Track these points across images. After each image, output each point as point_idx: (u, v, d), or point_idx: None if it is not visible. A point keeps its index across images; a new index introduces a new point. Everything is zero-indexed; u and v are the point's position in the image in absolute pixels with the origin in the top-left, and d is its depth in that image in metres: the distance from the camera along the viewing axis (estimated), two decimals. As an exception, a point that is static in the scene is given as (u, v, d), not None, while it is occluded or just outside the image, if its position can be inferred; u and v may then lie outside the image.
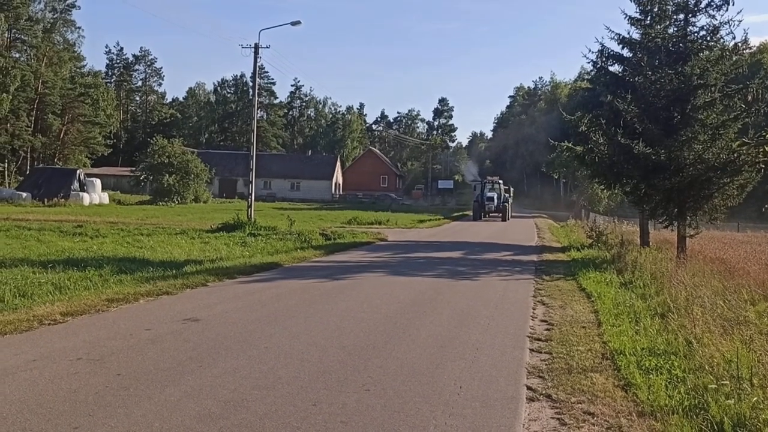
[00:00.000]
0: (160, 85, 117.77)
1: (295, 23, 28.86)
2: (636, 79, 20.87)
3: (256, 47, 27.89)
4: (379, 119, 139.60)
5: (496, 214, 48.89)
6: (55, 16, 76.50)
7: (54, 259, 14.16)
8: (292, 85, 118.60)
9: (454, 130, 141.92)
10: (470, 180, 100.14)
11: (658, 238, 24.40)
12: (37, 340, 7.26)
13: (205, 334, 7.76)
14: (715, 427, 4.88)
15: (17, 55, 70.79)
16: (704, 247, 18.69)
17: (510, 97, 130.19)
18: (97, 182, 51.51)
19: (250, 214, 27.68)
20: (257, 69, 29.27)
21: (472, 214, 50.17)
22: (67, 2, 76.55)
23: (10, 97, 63.67)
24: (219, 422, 4.89)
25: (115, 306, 9.36)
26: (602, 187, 29.21)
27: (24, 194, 44.18)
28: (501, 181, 51.54)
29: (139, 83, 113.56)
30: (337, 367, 6.50)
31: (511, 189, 55.42)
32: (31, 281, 10.86)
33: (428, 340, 7.89)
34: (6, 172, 66.70)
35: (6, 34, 66.99)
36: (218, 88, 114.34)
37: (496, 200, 48.79)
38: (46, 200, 42.66)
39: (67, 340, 7.25)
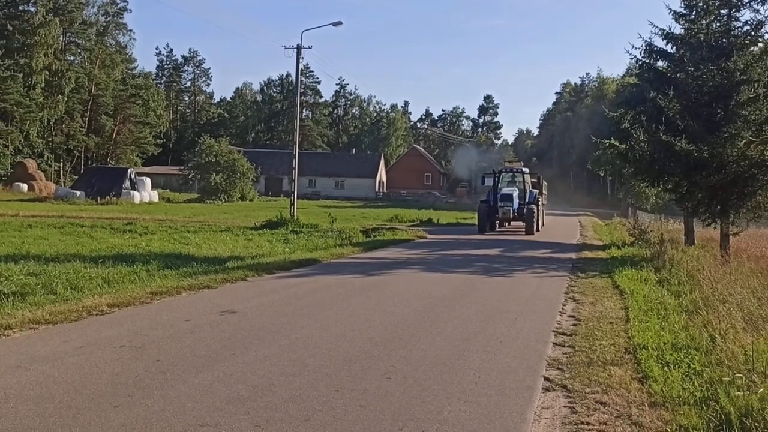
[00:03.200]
0: (208, 85, 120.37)
1: (336, 24, 29.32)
2: (678, 75, 20.63)
3: (299, 48, 28.44)
4: (423, 117, 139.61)
5: (518, 222, 29.97)
6: (108, 19, 78.92)
7: (104, 254, 14.83)
8: (336, 84, 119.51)
9: (500, 127, 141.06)
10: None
11: (705, 237, 24.01)
12: (85, 328, 7.76)
13: (240, 325, 8.16)
14: (722, 418, 5.00)
15: (72, 58, 73.38)
16: (750, 246, 18.38)
17: (556, 93, 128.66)
18: (147, 181, 53.02)
19: (293, 212, 28.26)
20: (300, 69, 29.82)
21: (477, 222, 30.15)
22: (119, 6, 79.00)
23: (65, 98, 66.05)
24: (247, 404, 5.23)
25: (159, 298, 9.84)
26: (645, 184, 28.88)
27: (78, 193, 45.78)
28: (526, 170, 33.18)
29: (188, 84, 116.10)
30: (362, 357, 6.81)
31: (544, 183, 37.35)
32: (82, 275, 11.46)
33: (454, 333, 8.12)
34: (61, 171, 69.15)
35: (61, 38, 69.39)
36: (264, 87, 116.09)
37: (516, 200, 29.55)
38: (98, 198, 44.14)
39: (112, 329, 7.72)
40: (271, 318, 8.70)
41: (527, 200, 30.42)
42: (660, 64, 22.11)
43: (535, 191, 31.67)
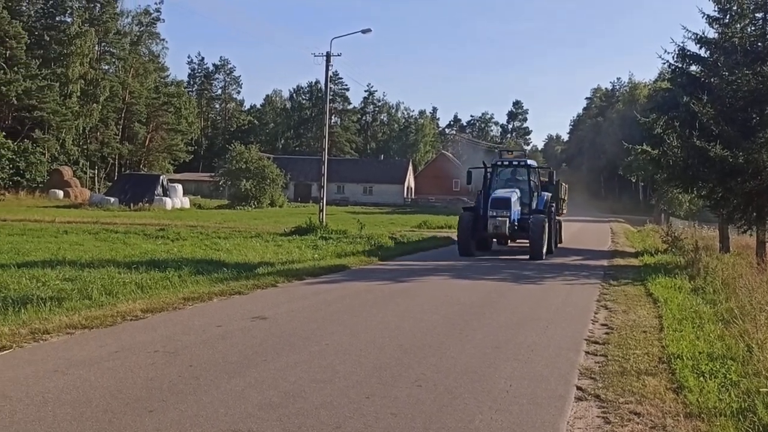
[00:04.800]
0: (238, 93, 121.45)
1: (365, 31, 29.45)
2: (712, 79, 20.35)
3: (328, 56, 28.63)
4: (452, 123, 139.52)
5: (522, 240, 21.52)
6: (141, 29, 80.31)
7: (138, 260, 15.05)
8: (365, 91, 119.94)
9: (529, 132, 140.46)
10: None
11: (740, 244, 23.59)
12: (120, 333, 7.89)
13: (271, 331, 8.22)
14: (760, 429, 4.90)
15: (106, 67, 74.73)
16: (787, 253, 17.99)
17: (587, 98, 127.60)
18: (179, 187, 53.73)
19: (322, 218, 28.39)
20: (329, 76, 30.00)
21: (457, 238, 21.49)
22: (152, 16, 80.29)
23: (100, 107, 67.27)
24: (278, 410, 5.27)
25: (191, 304, 9.96)
26: (678, 190, 28.47)
27: (112, 199, 46.57)
28: (533, 163, 23.36)
29: (219, 91, 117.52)
30: (393, 364, 6.81)
31: (563, 185, 27.60)
32: (116, 281, 11.64)
33: (484, 341, 8.09)
34: (96, 178, 70.39)
35: (96, 48, 70.76)
36: (294, 95, 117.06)
37: (517, 207, 20.48)
38: (132, 205, 44.83)
39: (146, 335, 7.84)
40: (301, 324, 8.75)
41: (535, 207, 20.78)
42: (693, 68, 21.85)
43: (547, 195, 21.71)
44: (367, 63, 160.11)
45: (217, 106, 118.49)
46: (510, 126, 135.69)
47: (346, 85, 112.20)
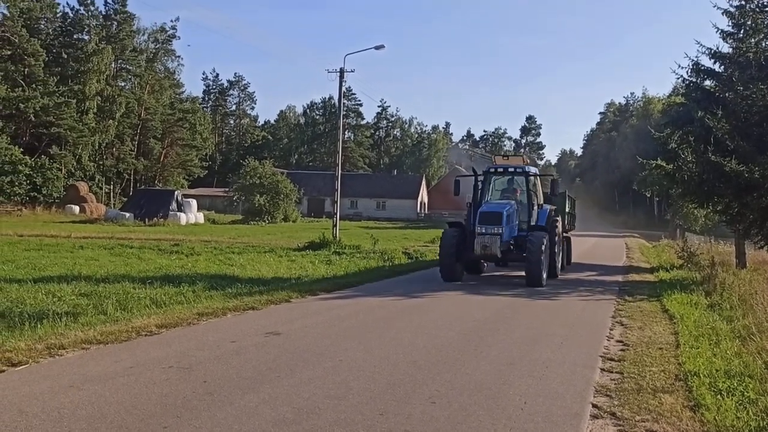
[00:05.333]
0: (252, 108, 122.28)
1: (378, 47, 29.60)
2: (727, 94, 20.25)
3: (342, 72, 28.82)
4: (465, 138, 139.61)
5: (518, 261, 17.53)
6: (157, 46, 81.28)
7: (152, 275, 15.15)
8: (378, 106, 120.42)
9: (543, 147, 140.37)
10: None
11: (757, 259, 23.34)
12: (135, 349, 7.92)
13: (284, 347, 8.22)
14: (780, 449, 4.83)
15: (123, 84, 75.66)
16: (805, 269, 17.79)
17: (600, 113, 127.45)
18: (194, 202, 54.04)
19: (335, 233, 28.44)
20: (343, 92, 30.18)
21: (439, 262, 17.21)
22: (168, 33, 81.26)
23: (116, 123, 68.03)
24: (292, 427, 5.26)
25: (205, 319, 9.99)
26: (694, 205, 28.24)
27: (127, 214, 46.90)
28: (532, 171, 18.81)
29: (233, 107, 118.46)
30: (406, 381, 6.79)
31: (571, 198, 25.20)
32: (131, 296, 11.73)
33: (498, 357, 8.04)
34: (111, 193, 71.02)
35: (113, 65, 71.66)
36: (307, 110, 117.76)
37: (511, 223, 17.13)
38: (147, 220, 45.13)
39: (160, 350, 7.87)
40: (315, 340, 8.75)
41: (535, 222, 17.67)
42: (707, 83, 21.78)
43: (550, 208, 18.65)
44: (380, 79, 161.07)
45: (232, 121, 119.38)
46: (523, 141, 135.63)
47: (360, 100, 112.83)
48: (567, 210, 22.16)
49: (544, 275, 16.16)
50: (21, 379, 6.49)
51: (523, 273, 16.78)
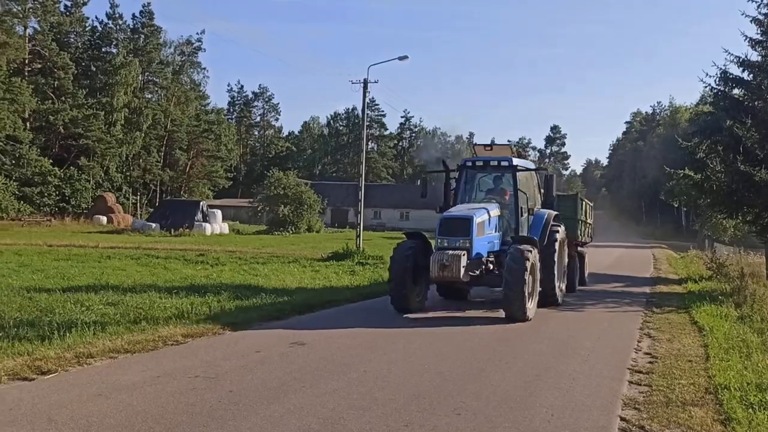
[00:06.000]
0: (276, 119, 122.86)
1: (402, 58, 29.68)
2: (756, 103, 20.00)
3: (365, 82, 28.93)
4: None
5: (493, 287, 13.05)
6: (183, 59, 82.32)
7: (178, 285, 15.27)
8: (401, 117, 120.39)
9: (567, 157, 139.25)
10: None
11: (788, 270, 22.88)
12: (161, 358, 7.99)
13: (309, 357, 8.23)
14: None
15: (149, 96, 76.73)
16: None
17: (626, 122, 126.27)
18: (219, 213, 54.45)
19: (359, 244, 28.45)
20: (366, 102, 30.28)
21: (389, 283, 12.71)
22: (194, 46, 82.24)
23: (143, 134, 68.97)
24: (317, 437, 5.26)
25: (230, 329, 10.04)
26: (723, 216, 27.80)
27: (153, 225, 47.39)
28: (523, 165, 14.45)
29: (258, 119, 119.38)
30: (432, 392, 6.75)
31: (582, 201, 19.76)
32: (157, 305, 11.82)
33: (524, 369, 7.97)
34: (138, 204, 71.90)
35: (140, 77, 72.74)
36: (331, 121, 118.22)
37: (490, 233, 12.70)
38: (172, 230, 45.55)
39: (186, 360, 7.92)
40: (339, 350, 8.74)
41: (527, 231, 13.66)
42: (736, 91, 21.50)
43: (548, 213, 14.21)
44: (403, 89, 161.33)
45: (256, 133, 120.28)
46: (548, 151, 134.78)
47: (383, 111, 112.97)
48: (579, 217, 18.26)
49: (530, 305, 11.72)
50: (50, 387, 6.57)
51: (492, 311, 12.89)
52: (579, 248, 18.57)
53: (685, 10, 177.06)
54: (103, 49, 70.34)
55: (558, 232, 14.05)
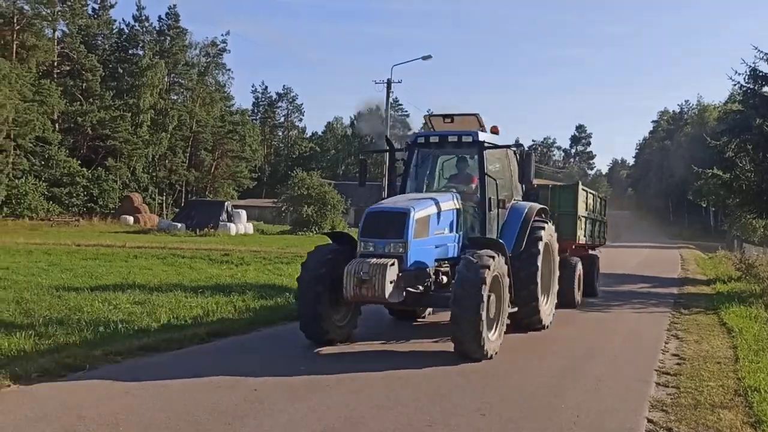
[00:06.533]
0: (300, 120, 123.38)
1: (426, 58, 29.72)
2: (787, 100, 19.65)
3: (389, 82, 29.00)
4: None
5: (440, 307, 10.33)
6: (208, 60, 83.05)
7: (203, 284, 15.39)
8: (425, 116, 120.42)
9: (593, 157, 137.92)
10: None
11: (820, 271, 22.43)
12: (187, 357, 8.06)
13: (334, 356, 8.25)
14: None
15: (175, 97, 77.52)
16: None
17: (653, 121, 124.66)
18: (243, 213, 54.81)
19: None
20: (390, 102, 30.31)
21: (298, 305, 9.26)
22: (219, 47, 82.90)
23: (169, 135, 69.71)
24: (341, 437, 5.26)
25: (256, 329, 10.11)
26: (752, 216, 27.33)
27: (179, 225, 47.85)
28: (491, 141, 10.37)
29: (282, 119, 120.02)
30: (455, 392, 6.73)
31: (591, 194, 16.09)
32: (183, 305, 11.93)
33: (549, 370, 7.91)
34: (164, 204, 72.68)
35: (166, 79, 73.55)
36: (354, 121, 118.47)
37: (433, 230, 9.03)
38: (198, 230, 45.93)
39: (212, 358, 7.99)
40: (364, 348, 8.75)
41: (498, 231, 10.37)
42: (766, 89, 21.12)
43: (529, 206, 10.89)
44: (426, 89, 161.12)
45: (280, 133, 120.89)
46: (573, 150, 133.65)
47: (407, 111, 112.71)
48: (581, 213, 14.39)
49: (491, 335, 8.33)
50: (79, 384, 6.67)
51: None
52: (588, 252, 15.90)
53: (714, 7, 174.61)
54: (129, 51, 71.24)
55: (543, 231, 10.50)
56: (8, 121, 49.95)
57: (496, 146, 10.35)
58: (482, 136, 10.13)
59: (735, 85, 21.63)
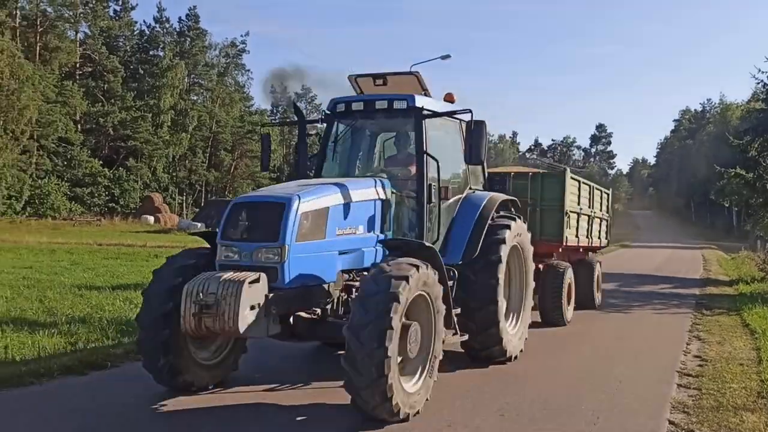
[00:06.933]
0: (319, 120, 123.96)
1: (445, 57, 29.54)
2: (812, 98, 19.35)
3: (408, 82, 28.88)
4: (532, 147, 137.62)
5: (333, 342, 7.65)
6: (228, 61, 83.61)
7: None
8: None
9: (614, 156, 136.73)
10: None
11: None
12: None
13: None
14: None
15: (195, 98, 78.16)
16: None
17: (675, 120, 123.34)
18: (262, 213, 55.07)
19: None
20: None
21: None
22: (238, 48, 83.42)
23: (189, 135, 70.29)
24: (359, 436, 5.23)
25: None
26: (777, 216, 26.92)
27: (199, 224, 48.15)
28: (433, 105, 7.69)
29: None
30: (475, 393, 6.70)
31: (588, 187, 12.92)
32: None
33: (569, 371, 7.87)
34: (184, 204, 73.28)
35: (186, 79, 74.17)
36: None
37: (335, 231, 6.50)
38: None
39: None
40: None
41: (436, 231, 7.46)
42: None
43: (488, 197, 8.29)
44: (445, 89, 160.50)
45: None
46: (593, 150, 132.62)
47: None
48: (570, 209, 11.40)
49: (409, 384, 5.91)
50: (101, 382, 6.77)
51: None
52: (585, 256, 13.45)
53: (736, 4, 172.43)
54: (150, 53, 71.93)
55: (507, 231, 7.99)
56: (32, 122, 50.68)
57: (436, 114, 7.56)
58: (420, 101, 7.50)
59: (758, 83, 21.37)
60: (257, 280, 5.58)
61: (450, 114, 7.77)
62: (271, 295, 5.73)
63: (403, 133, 8.09)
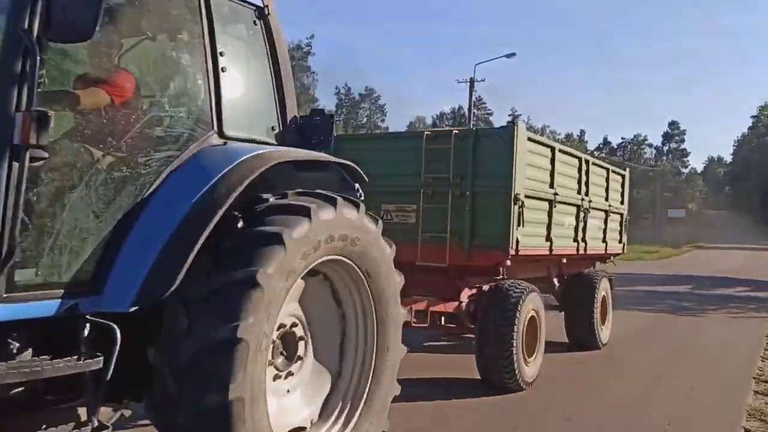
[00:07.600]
0: (383, 120, 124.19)
1: (509, 56, 29.32)
2: None
3: (472, 81, 28.82)
4: (601, 146, 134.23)
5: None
6: (293, 63, 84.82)
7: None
8: (509, 115, 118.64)
9: (687, 154, 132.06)
10: None
11: None
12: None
13: (412, 355, 8.30)
14: None
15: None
16: None
17: (752, 117, 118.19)
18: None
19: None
20: (473, 101, 30.16)
21: None
22: (304, 50, 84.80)
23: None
24: (425, 436, 5.27)
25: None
26: None
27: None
28: None
29: (365, 120, 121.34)
30: (539, 396, 6.63)
31: (588, 164, 8.68)
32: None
33: (639, 375, 7.72)
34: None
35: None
36: (437, 121, 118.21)
37: None
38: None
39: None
40: (443, 349, 8.77)
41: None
42: None
43: (259, 156, 3.39)
44: (510, 87, 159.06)
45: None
46: (665, 148, 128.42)
47: (490, 110, 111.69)
48: (524, 191, 6.90)
49: None
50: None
51: None
52: (581, 270, 9.34)
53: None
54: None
55: (289, 232, 3.16)
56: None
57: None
58: None
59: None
60: None
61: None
62: None
63: None
